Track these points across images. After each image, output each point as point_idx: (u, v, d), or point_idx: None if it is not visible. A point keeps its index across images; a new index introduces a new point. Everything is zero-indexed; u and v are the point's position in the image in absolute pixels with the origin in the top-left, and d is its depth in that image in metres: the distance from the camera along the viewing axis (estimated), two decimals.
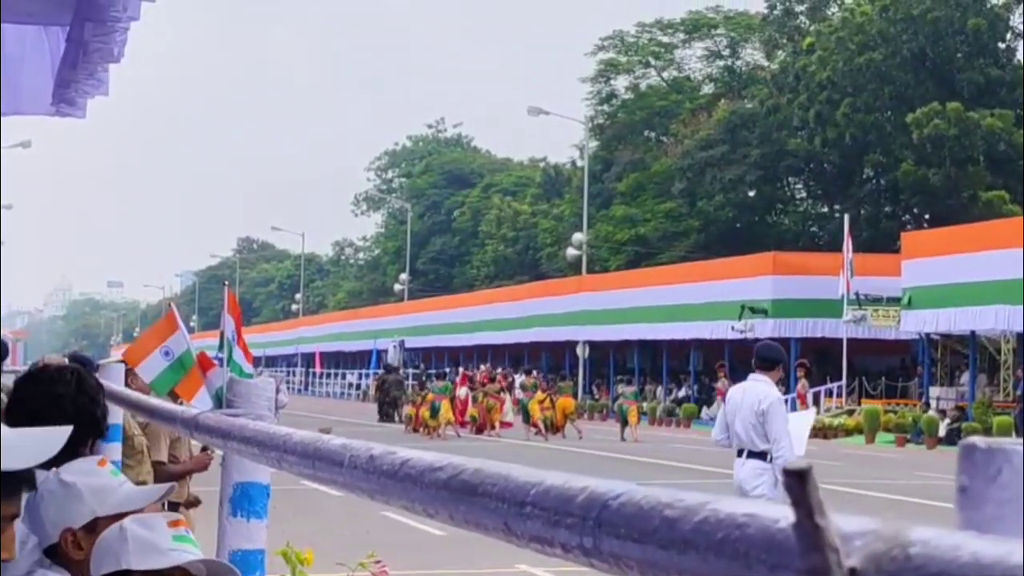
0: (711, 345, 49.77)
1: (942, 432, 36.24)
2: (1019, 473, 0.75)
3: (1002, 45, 58.08)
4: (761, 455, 10.27)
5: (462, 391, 40.51)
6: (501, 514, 1.20)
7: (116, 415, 5.16)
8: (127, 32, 5.75)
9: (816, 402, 42.68)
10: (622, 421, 38.74)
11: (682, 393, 52.14)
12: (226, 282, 5.74)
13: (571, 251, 60.60)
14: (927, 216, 56.74)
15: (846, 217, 45.61)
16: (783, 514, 0.81)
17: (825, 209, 65.66)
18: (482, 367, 50.47)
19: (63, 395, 3.77)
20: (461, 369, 47.43)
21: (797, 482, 0.77)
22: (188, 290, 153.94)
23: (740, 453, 10.42)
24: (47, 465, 2.66)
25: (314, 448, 2.01)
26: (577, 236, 60.21)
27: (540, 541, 1.12)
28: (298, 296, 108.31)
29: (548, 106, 61.60)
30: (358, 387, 75.63)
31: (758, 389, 10.38)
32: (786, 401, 46.63)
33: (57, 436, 1.96)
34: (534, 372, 45.98)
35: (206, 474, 7.72)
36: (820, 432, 40.22)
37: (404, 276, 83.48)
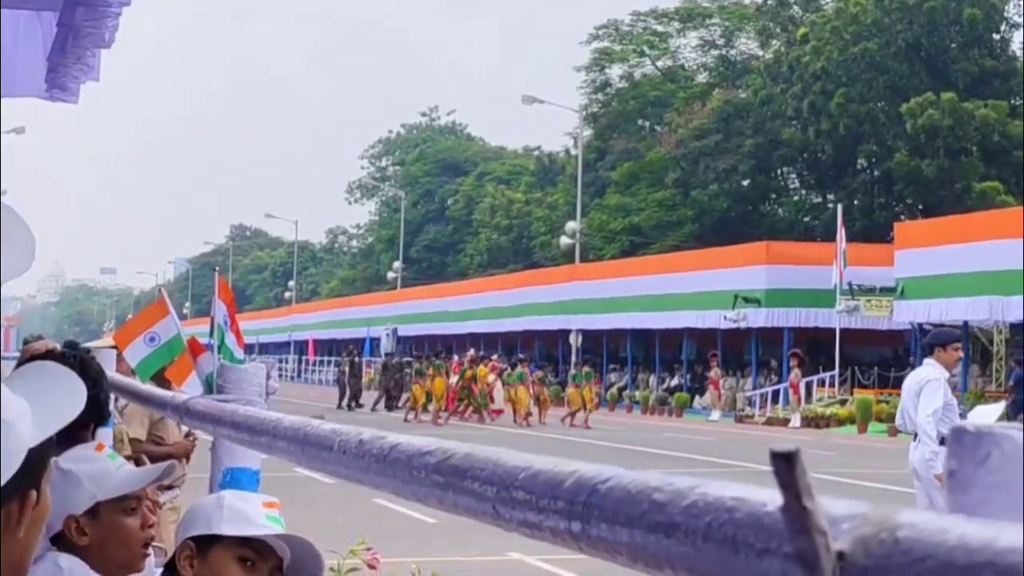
0: (704, 334, 49.80)
1: None
2: (1008, 457, 0.76)
3: (997, 36, 58.11)
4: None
5: (454, 379, 40.69)
6: (490, 499, 1.19)
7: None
8: (118, 17, 5.73)
9: (808, 391, 42.77)
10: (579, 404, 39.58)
11: (674, 382, 52.16)
12: (216, 268, 5.73)
13: (565, 240, 60.61)
14: (920, 207, 56.79)
15: (839, 207, 45.61)
16: (771, 497, 0.81)
17: (819, 199, 65.71)
18: (470, 352, 50.39)
19: None
20: (456, 357, 47.41)
21: (785, 465, 0.76)
22: (181, 277, 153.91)
23: (915, 437, 10.68)
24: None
25: (304, 433, 2.00)
26: (571, 225, 60.21)
27: (529, 526, 1.12)
28: (291, 284, 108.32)
29: (542, 95, 61.59)
30: None
31: (921, 372, 10.75)
32: (778, 391, 46.33)
33: (76, 392, 1.91)
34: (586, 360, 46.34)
35: (196, 460, 7.69)
36: (812, 422, 40.31)
37: (397, 264, 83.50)
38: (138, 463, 7.98)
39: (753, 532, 0.82)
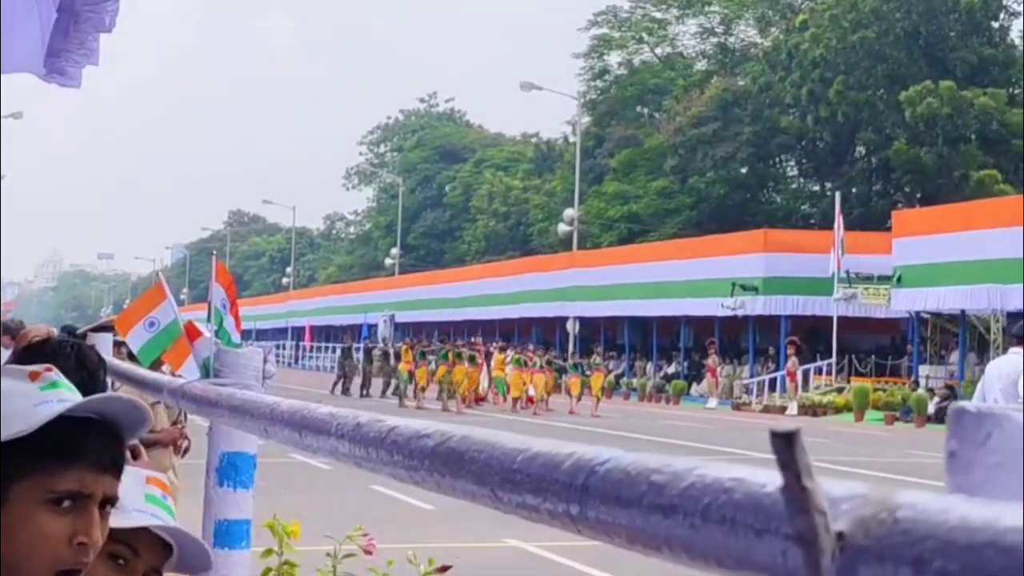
0: (701, 322, 49.82)
1: (931, 410, 36.31)
2: (1008, 438, 0.76)
3: (996, 24, 58.06)
4: None
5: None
6: (488, 481, 1.19)
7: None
8: (118, 2, 5.71)
9: (806, 380, 42.79)
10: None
11: (672, 369, 52.18)
12: (214, 252, 5.73)
13: (562, 227, 60.59)
14: (919, 195, 56.77)
15: (837, 195, 45.61)
16: (770, 478, 0.81)
17: (817, 187, 65.70)
18: (474, 339, 50.34)
19: (62, 369, 3.73)
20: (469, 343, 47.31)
21: (785, 445, 0.75)
22: (179, 263, 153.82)
23: None
24: None
25: (301, 417, 2.00)
26: (568, 212, 60.17)
27: (527, 508, 1.12)
28: (289, 270, 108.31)
29: (540, 81, 61.51)
30: None
31: (1016, 361, 10.73)
32: (776, 379, 46.28)
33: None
34: (598, 349, 46.19)
35: (192, 444, 7.69)
36: (809, 409, 40.33)
37: (395, 251, 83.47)
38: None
39: (752, 513, 0.82)
